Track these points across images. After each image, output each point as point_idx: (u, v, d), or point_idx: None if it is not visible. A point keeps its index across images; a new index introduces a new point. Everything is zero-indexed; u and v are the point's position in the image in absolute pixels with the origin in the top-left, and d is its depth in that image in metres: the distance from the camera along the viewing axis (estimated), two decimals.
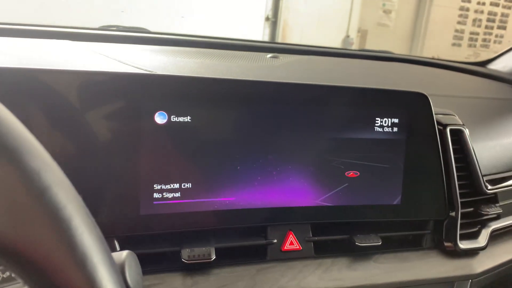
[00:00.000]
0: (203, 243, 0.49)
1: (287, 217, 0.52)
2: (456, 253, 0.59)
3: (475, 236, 0.61)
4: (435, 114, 0.57)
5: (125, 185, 0.45)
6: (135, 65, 0.63)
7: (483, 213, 0.62)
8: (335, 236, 0.55)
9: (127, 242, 0.47)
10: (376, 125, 0.54)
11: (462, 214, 0.59)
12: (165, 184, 0.47)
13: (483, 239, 0.61)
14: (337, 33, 4.00)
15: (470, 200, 0.61)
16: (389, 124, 0.55)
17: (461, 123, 0.62)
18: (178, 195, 0.47)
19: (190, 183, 0.48)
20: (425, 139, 0.57)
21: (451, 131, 0.60)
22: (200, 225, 0.49)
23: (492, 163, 0.67)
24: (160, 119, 0.46)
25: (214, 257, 0.48)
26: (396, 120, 0.55)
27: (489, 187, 0.63)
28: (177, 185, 0.47)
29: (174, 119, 0.47)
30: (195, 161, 0.48)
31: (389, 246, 0.57)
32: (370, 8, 4.19)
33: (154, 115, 0.46)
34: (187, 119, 0.47)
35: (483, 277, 0.60)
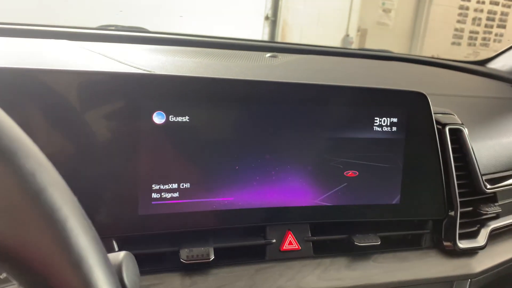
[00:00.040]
0: (201, 243, 0.49)
1: (286, 217, 0.52)
2: (455, 253, 0.59)
3: (474, 235, 0.61)
4: (434, 114, 0.57)
5: (123, 185, 0.45)
6: (133, 64, 0.63)
7: (482, 213, 0.62)
8: (334, 236, 0.55)
9: (125, 242, 0.47)
10: (375, 124, 0.54)
11: (461, 213, 0.59)
12: (164, 184, 0.47)
13: (482, 238, 0.61)
14: (337, 32, 4.00)
15: (469, 199, 0.61)
16: (388, 124, 0.55)
17: (460, 122, 0.61)
18: (176, 195, 0.47)
19: (189, 183, 0.48)
20: (424, 138, 0.57)
21: (450, 130, 0.60)
22: (198, 225, 0.49)
23: (491, 163, 0.67)
24: (158, 119, 0.46)
25: (212, 257, 0.48)
26: (395, 120, 0.55)
27: (488, 186, 0.63)
28: (175, 185, 0.47)
29: (172, 119, 0.46)
30: (193, 161, 0.48)
31: (388, 246, 0.57)
32: (369, 7, 4.19)
33: (152, 115, 0.46)
34: (185, 119, 0.47)
35: (482, 276, 0.60)
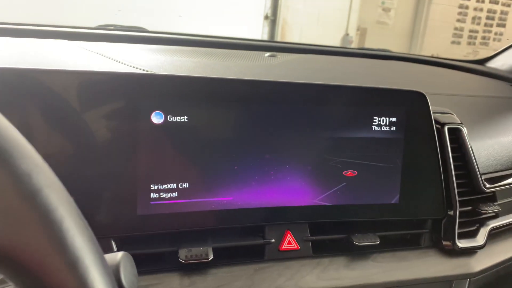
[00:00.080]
0: (200, 243, 0.49)
1: (284, 217, 0.52)
2: (454, 252, 0.59)
3: (473, 234, 0.61)
4: (433, 113, 0.57)
5: (122, 185, 0.45)
6: (132, 64, 0.63)
7: (481, 212, 0.62)
8: (333, 235, 0.55)
9: (124, 243, 0.47)
10: (374, 124, 0.54)
11: (460, 212, 0.59)
12: (162, 184, 0.47)
13: (481, 237, 0.61)
14: (337, 31, 4.00)
15: (468, 198, 0.61)
16: (387, 123, 0.55)
17: (459, 121, 0.61)
18: (175, 195, 0.47)
19: (187, 183, 0.48)
20: (423, 138, 0.57)
21: (449, 129, 0.60)
22: (197, 225, 0.49)
23: (491, 162, 0.67)
24: (156, 119, 0.46)
25: (211, 257, 0.47)
26: (394, 119, 0.55)
27: (488, 185, 0.62)
28: (174, 185, 0.47)
29: (170, 119, 0.46)
30: (192, 161, 0.48)
31: (387, 245, 0.57)
32: (369, 6, 4.18)
33: (150, 115, 0.46)
34: (184, 118, 0.47)
35: (481, 275, 0.60)
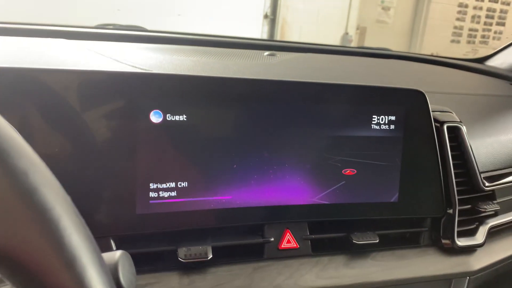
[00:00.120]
0: (199, 242, 0.49)
1: (284, 216, 0.52)
2: (453, 251, 0.59)
3: (472, 233, 0.61)
4: (432, 111, 0.57)
5: (121, 184, 0.45)
6: (130, 63, 0.63)
7: (480, 210, 0.62)
8: (332, 234, 0.55)
9: (123, 242, 0.47)
10: (373, 122, 0.54)
11: (459, 211, 0.59)
12: (161, 183, 0.47)
13: (480, 236, 0.61)
14: (336, 30, 4.00)
15: (467, 197, 0.61)
16: (386, 122, 0.55)
17: (458, 120, 0.61)
18: (174, 194, 0.47)
19: (186, 182, 0.48)
20: (422, 136, 0.57)
21: (448, 128, 0.60)
22: (196, 224, 0.49)
23: (490, 160, 0.67)
24: (155, 118, 0.46)
25: (210, 256, 0.47)
26: (393, 118, 0.55)
27: (487, 184, 0.62)
28: (173, 184, 0.47)
29: (169, 118, 0.46)
30: (191, 160, 0.48)
31: (386, 244, 0.57)
32: (368, 5, 4.18)
33: (149, 114, 0.46)
34: (182, 117, 0.47)
35: (480, 274, 0.60)
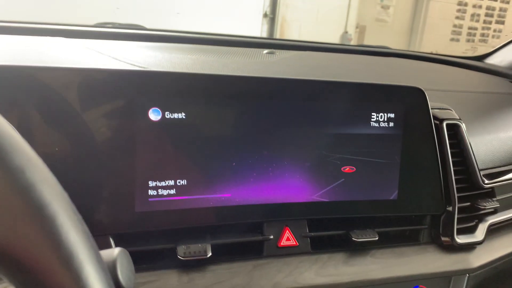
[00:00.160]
0: (199, 239, 0.48)
1: (283, 213, 0.52)
2: (453, 248, 0.59)
3: (472, 230, 0.61)
4: (431, 109, 0.57)
5: (119, 182, 0.45)
6: (129, 62, 0.63)
7: (480, 208, 0.62)
8: (331, 231, 0.55)
9: (122, 240, 0.47)
10: (372, 120, 0.54)
11: (459, 208, 0.59)
12: (160, 181, 0.46)
13: (480, 233, 0.61)
14: (336, 29, 4.00)
15: (467, 194, 0.61)
16: (385, 119, 0.54)
17: (458, 117, 0.61)
18: (173, 192, 0.47)
19: (185, 180, 0.47)
20: (422, 133, 0.56)
21: (447, 125, 0.59)
22: (195, 222, 0.49)
23: (489, 157, 0.67)
24: (154, 115, 0.46)
25: (210, 253, 0.47)
26: (392, 115, 0.55)
27: (486, 181, 0.62)
28: (172, 182, 0.47)
29: (168, 115, 0.46)
30: (190, 158, 0.47)
31: (386, 241, 0.57)
32: (368, 4, 4.18)
33: (148, 112, 0.45)
34: (181, 115, 0.47)
35: (480, 271, 0.60)
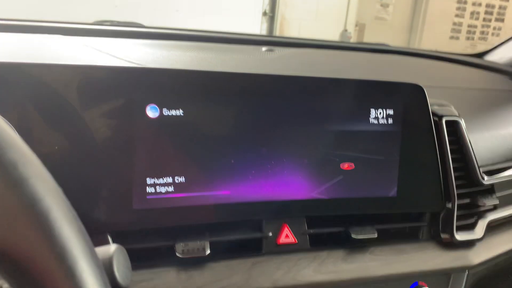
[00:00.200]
0: (197, 237, 0.48)
1: (282, 210, 0.52)
2: (452, 245, 0.59)
3: (472, 227, 0.61)
4: (430, 105, 0.57)
5: (117, 179, 0.45)
6: (127, 59, 0.62)
7: (479, 205, 0.61)
8: (330, 228, 0.55)
9: (120, 237, 0.46)
10: (371, 117, 0.54)
11: (458, 205, 0.58)
12: (158, 178, 0.46)
13: (480, 230, 0.61)
14: (335, 27, 4.00)
15: (466, 191, 0.61)
16: (384, 116, 0.54)
17: (457, 114, 0.61)
18: (171, 189, 0.47)
19: (184, 177, 0.47)
20: (421, 130, 0.56)
21: (446, 122, 0.59)
22: (194, 219, 0.48)
23: (489, 154, 0.67)
24: (152, 112, 0.46)
25: (208, 251, 0.47)
26: (391, 112, 0.54)
27: (486, 178, 0.62)
28: (170, 179, 0.47)
29: (166, 112, 0.46)
30: (188, 155, 0.47)
31: (385, 238, 0.57)
32: (367, 2, 4.18)
33: (145, 108, 0.45)
34: (179, 112, 0.47)
35: (480, 268, 0.59)
